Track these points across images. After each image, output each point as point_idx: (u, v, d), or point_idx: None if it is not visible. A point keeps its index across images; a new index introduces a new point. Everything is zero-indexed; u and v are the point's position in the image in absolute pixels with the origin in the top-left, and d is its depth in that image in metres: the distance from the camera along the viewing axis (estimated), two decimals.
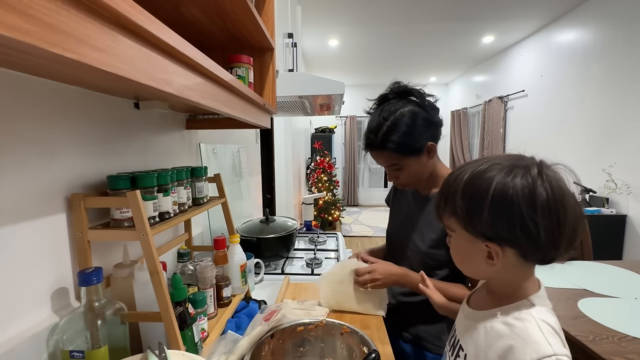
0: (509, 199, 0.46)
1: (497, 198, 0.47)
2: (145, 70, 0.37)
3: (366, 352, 0.78)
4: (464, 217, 0.50)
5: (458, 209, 0.51)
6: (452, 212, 0.52)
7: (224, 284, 0.91)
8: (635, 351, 0.96)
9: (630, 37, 2.72)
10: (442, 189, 0.55)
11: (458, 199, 0.50)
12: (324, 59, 4.99)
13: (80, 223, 0.60)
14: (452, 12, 3.35)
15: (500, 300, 0.53)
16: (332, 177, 5.36)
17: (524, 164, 0.48)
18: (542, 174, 0.47)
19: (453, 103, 6.53)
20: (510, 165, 0.48)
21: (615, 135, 2.88)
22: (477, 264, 0.53)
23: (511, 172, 0.47)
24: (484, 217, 0.47)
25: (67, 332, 0.54)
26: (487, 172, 0.49)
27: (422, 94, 0.90)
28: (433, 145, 0.89)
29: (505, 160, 0.50)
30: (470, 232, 0.51)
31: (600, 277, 1.48)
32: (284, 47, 1.72)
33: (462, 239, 0.53)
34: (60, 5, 0.25)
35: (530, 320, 0.48)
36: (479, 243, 0.50)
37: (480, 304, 0.59)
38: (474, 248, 0.52)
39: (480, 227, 0.49)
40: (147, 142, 0.88)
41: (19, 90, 0.51)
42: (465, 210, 0.50)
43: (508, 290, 0.53)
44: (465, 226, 0.51)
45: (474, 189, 0.49)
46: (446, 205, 0.53)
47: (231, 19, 0.80)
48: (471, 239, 0.51)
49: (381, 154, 0.90)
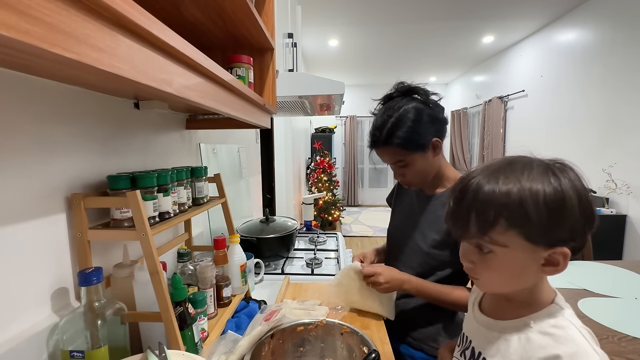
0: (583, 196, 0.47)
1: (576, 198, 0.46)
2: (145, 70, 0.37)
3: (366, 352, 0.78)
4: (539, 227, 0.46)
5: (532, 220, 0.46)
6: (514, 224, 0.47)
7: (224, 284, 0.91)
8: (635, 351, 0.96)
9: (630, 37, 2.72)
10: (482, 203, 0.48)
11: (530, 209, 0.46)
12: (324, 59, 4.99)
13: (80, 223, 0.60)
14: (452, 12, 3.35)
15: (523, 308, 0.51)
16: (332, 177, 5.36)
17: (548, 163, 0.50)
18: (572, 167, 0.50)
19: (453, 103, 6.53)
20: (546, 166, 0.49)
21: (615, 135, 2.88)
22: (527, 277, 0.50)
23: (554, 173, 0.48)
24: (569, 221, 0.46)
25: (67, 332, 0.54)
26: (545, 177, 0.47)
27: (426, 91, 0.91)
28: (438, 142, 0.90)
29: (535, 163, 0.50)
30: (534, 243, 0.47)
31: (600, 277, 1.48)
32: (284, 47, 1.72)
33: (517, 252, 0.48)
34: (60, 5, 0.25)
35: (571, 328, 0.47)
36: (539, 252, 0.48)
37: (498, 312, 0.56)
38: (531, 259, 0.49)
39: (556, 234, 0.47)
40: (147, 142, 0.88)
41: (19, 90, 0.51)
42: (543, 219, 0.46)
43: (527, 295, 0.52)
44: (536, 237, 0.47)
45: (546, 196, 0.45)
46: (500, 218, 0.47)
47: (231, 19, 0.80)
48: (531, 250, 0.48)
49: (386, 151, 0.91)
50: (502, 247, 0.49)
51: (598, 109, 3.05)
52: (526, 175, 0.47)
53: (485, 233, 0.49)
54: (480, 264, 0.52)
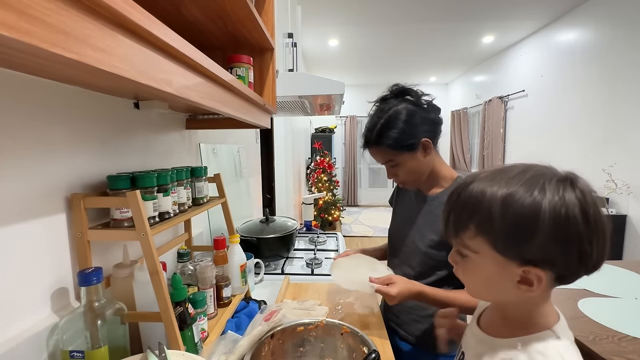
0: (564, 219, 0.41)
1: (552, 218, 0.41)
2: (145, 70, 0.37)
3: (366, 352, 0.78)
4: (504, 239, 0.44)
5: (497, 229, 0.44)
6: (482, 231, 0.45)
7: (224, 284, 0.90)
8: (635, 351, 0.96)
9: (630, 37, 2.72)
10: (460, 204, 0.48)
11: (497, 217, 0.43)
12: (324, 59, 4.99)
13: (80, 223, 0.60)
14: (452, 12, 3.35)
15: (519, 328, 0.48)
16: (332, 177, 5.36)
17: (559, 177, 0.43)
18: (581, 187, 0.43)
19: (453, 103, 6.53)
20: (545, 178, 0.43)
21: (615, 136, 2.88)
22: (503, 289, 0.47)
23: (558, 187, 0.42)
24: (536, 240, 0.41)
25: (67, 332, 0.54)
26: (525, 189, 0.42)
27: (417, 92, 0.93)
28: (428, 142, 0.90)
29: (536, 171, 0.44)
30: (504, 256, 0.44)
31: (600, 277, 1.47)
32: (284, 47, 1.72)
33: (487, 261, 0.46)
34: (60, 5, 0.25)
35: (555, 358, 0.44)
36: (512, 268, 0.44)
37: (495, 329, 0.54)
38: (504, 273, 0.45)
39: (524, 251, 0.43)
40: (147, 142, 0.88)
41: (19, 91, 0.51)
42: (507, 231, 0.43)
43: (525, 315, 0.49)
44: (503, 249, 0.44)
45: (520, 207, 0.42)
46: (470, 222, 0.46)
47: (231, 19, 0.80)
48: (503, 262, 0.45)
49: (377, 151, 0.94)
50: (474, 253, 0.48)
51: (598, 108, 3.05)
52: (514, 182, 0.43)
53: (457, 235, 0.48)
54: (460, 267, 0.52)
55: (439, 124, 0.94)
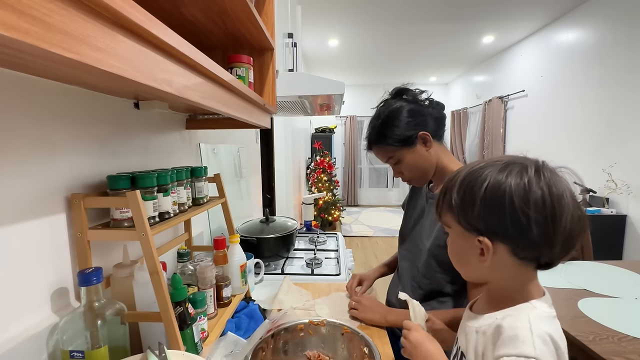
0: (501, 191, 0.47)
1: (490, 189, 0.48)
2: (145, 70, 0.37)
3: (366, 353, 0.78)
4: (457, 209, 0.51)
5: (453, 202, 0.52)
6: (448, 206, 0.53)
7: (224, 284, 0.90)
8: (635, 351, 0.96)
9: (630, 37, 2.72)
10: (442, 186, 0.57)
11: (454, 193, 0.52)
12: (324, 59, 4.98)
13: (80, 223, 0.60)
14: (452, 12, 3.35)
15: (501, 305, 0.52)
16: (332, 177, 5.36)
17: (522, 162, 0.49)
18: (540, 173, 0.47)
19: (453, 103, 6.53)
20: (508, 162, 0.50)
21: (615, 135, 2.88)
22: (471, 262, 0.53)
23: (506, 168, 0.49)
24: (476, 208, 0.49)
25: (67, 332, 0.54)
26: (484, 168, 0.50)
27: (414, 90, 0.96)
28: (425, 135, 0.91)
29: (505, 158, 0.51)
30: (463, 226, 0.52)
31: (600, 277, 1.48)
32: (284, 47, 1.72)
33: (457, 235, 0.54)
34: (60, 5, 0.25)
35: (522, 320, 0.47)
36: (471, 238, 0.51)
37: (481, 309, 0.58)
38: (467, 244, 0.52)
39: (472, 219, 0.50)
40: (147, 142, 0.88)
41: (19, 91, 0.51)
42: (459, 202, 0.51)
43: (508, 294, 0.52)
44: (459, 219, 0.52)
45: (469, 182, 0.50)
46: (444, 200, 0.55)
47: (231, 19, 0.80)
48: (464, 234, 0.52)
49: (378, 150, 0.97)
50: (449, 228, 0.56)
51: (598, 108, 3.05)
52: (478, 164, 0.51)
53: (439, 214, 0.57)
54: (448, 247, 0.59)
55: (440, 118, 0.95)
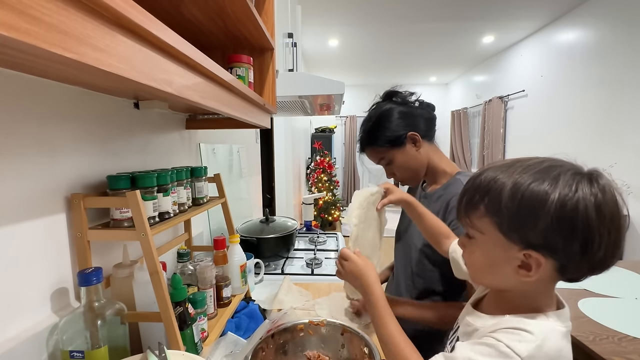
0: (571, 210, 0.41)
1: (560, 205, 0.42)
2: (145, 70, 0.37)
3: (366, 353, 0.78)
4: (509, 220, 0.45)
5: (504, 210, 0.45)
6: (490, 212, 0.47)
7: (224, 284, 0.90)
8: (635, 351, 0.96)
9: (630, 37, 2.72)
10: (474, 186, 0.50)
11: (505, 199, 0.45)
12: (324, 59, 4.98)
13: (80, 223, 0.60)
14: (452, 12, 3.35)
15: (511, 311, 0.49)
16: (332, 177, 5.36)
17: (577, 170, 0.45)
18: (603, 184, 0.44)
19: (453, 103, 6.53)
20: (566, 168, 0.45)
21: (615, 135, 2.88)
22: (502, 272, 0.48)
23: (574, 178, 0.43)
24: (540, 224, 0.42)
25: (67, 332, 0.54)
26: (540, 176, 0.44)
27: (403, 93, 0.97)
28: (414, 135, 0.92)
29: (551, 161, 0.47)
30: (507, 238, 0.46)
31: (600, 277, 1.47)
32: (284, 47, 1.72)
33: (492, 243, 0.48)
34: (60, 5, 0.25)
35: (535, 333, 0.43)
36: (513, 250, 0.46)
37: (486, 309, 0.54)
38: (504, 255, 0.47)
39: (527, 234, 0.44)
40: (146, 142, 0.88)
41: (19, 91, 0.51)
42: (513, 212, 0.44)
43: (522, 302, 0.49)
44: (507, 231, 0.45)
45: (530, 195, 0.43)
46: (480, 203, 0.48)
47: (231, 19, 0.80)
48: (505, 244, 0.46)
49: (370, 151, 0.98)
50: (480, 234, 0.49)
51: (598, 108, 3.05)
52: (529, 169, 0.45)
53: (467, 216, 0.50)
54: (467, 250, 0.54)
55: (430, 119, 0.97)
